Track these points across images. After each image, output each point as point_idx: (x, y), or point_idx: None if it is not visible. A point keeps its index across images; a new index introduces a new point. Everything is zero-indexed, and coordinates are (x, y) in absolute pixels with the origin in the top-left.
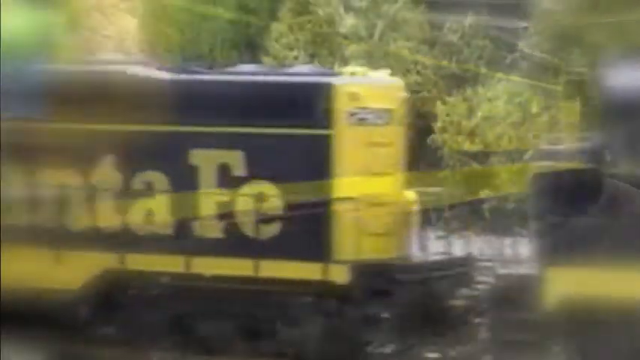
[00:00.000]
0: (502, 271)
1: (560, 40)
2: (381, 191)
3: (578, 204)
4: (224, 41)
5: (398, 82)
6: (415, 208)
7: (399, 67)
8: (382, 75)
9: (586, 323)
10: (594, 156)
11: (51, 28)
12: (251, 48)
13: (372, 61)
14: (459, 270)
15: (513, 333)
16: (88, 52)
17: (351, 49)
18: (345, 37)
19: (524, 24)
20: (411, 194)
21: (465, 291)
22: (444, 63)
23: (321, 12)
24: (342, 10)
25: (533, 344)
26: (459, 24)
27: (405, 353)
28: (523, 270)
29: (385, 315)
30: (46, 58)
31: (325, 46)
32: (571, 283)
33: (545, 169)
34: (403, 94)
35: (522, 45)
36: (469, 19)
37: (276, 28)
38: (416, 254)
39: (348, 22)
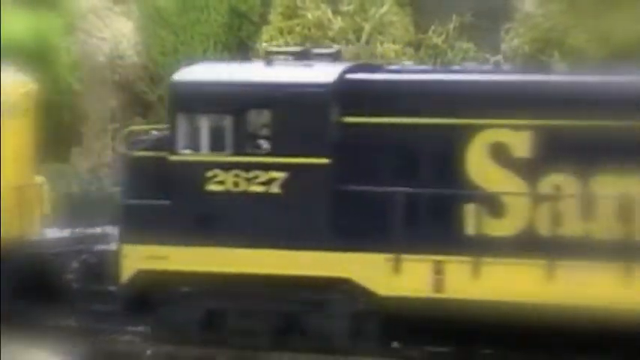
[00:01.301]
0: (99, 247)
1: (541, 43)
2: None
3: (149, 187)
4: (217, 44)
5: (25, 78)
6: (41, 192)
7: None
8: (9, 71)
9: (156, 295)
10: (166, 144)
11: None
12: (243, 50)
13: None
14: (77, 247)
15: (97, 303)
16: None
17: None
18: (334, 39)
19: (506, 27)
20: (39, 179)
21: (75, 265)
22: (429, 64)
23: (310, 16)
24: (330, 13)
25: (114, 313)
26: (443, 27)
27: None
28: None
29: None
30: None
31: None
32: (141, 259)
33: (128, 156)
34: (30, 89)
35: (505, 47)
36: (453, 22)
37: (267, 31)
38: (36, 233)
39: (337, 26)
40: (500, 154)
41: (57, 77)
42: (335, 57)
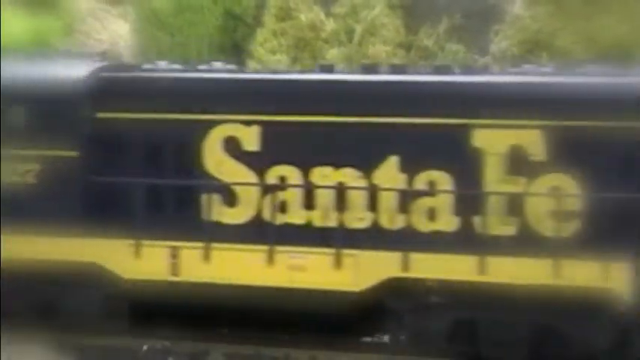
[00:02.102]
0: None
1: (529, 44)
2: None
3: None
4: (212, 45)
5: None
6: None
7: None
8: None
9: None
10: None
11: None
12: (237, 52)
13: (352, 64)
14: None
15: None
16: None
17: (332, 52)
18: (326, 41)
19: (495, 29)
20: None
21: None
22: (419, 66)
23: (303, 18)
24: (322, 15)
25: None
26: (433, 29)
27: None
28: None
29: None
30: None
31: (307, 50)
32: None
33: None
34: None
35: (494, 49)
36: (443, 24)
37: (261, 33)
38: None
39: (329, 27)
40: (232, 147)
41: None
42: (99, 57)
